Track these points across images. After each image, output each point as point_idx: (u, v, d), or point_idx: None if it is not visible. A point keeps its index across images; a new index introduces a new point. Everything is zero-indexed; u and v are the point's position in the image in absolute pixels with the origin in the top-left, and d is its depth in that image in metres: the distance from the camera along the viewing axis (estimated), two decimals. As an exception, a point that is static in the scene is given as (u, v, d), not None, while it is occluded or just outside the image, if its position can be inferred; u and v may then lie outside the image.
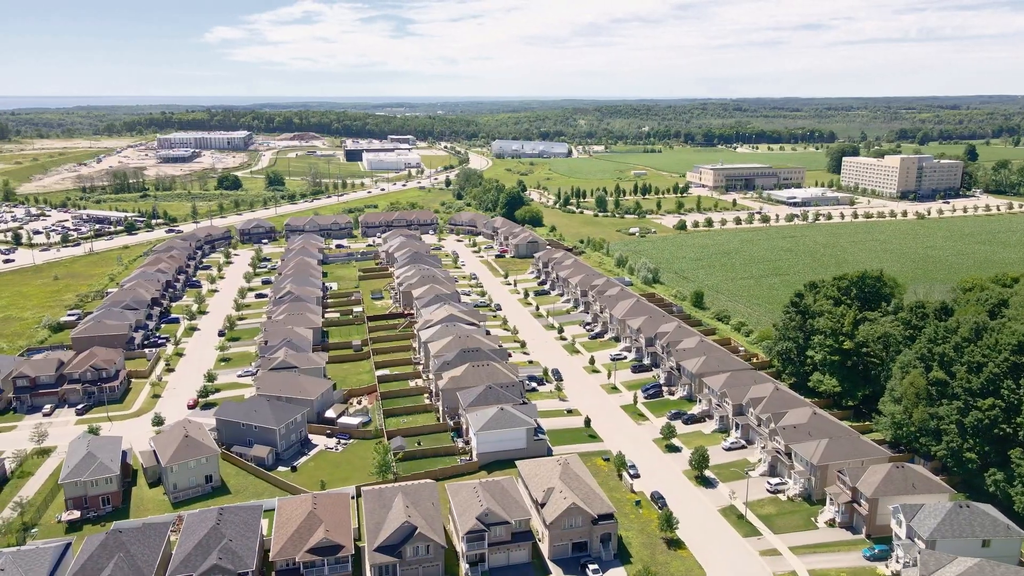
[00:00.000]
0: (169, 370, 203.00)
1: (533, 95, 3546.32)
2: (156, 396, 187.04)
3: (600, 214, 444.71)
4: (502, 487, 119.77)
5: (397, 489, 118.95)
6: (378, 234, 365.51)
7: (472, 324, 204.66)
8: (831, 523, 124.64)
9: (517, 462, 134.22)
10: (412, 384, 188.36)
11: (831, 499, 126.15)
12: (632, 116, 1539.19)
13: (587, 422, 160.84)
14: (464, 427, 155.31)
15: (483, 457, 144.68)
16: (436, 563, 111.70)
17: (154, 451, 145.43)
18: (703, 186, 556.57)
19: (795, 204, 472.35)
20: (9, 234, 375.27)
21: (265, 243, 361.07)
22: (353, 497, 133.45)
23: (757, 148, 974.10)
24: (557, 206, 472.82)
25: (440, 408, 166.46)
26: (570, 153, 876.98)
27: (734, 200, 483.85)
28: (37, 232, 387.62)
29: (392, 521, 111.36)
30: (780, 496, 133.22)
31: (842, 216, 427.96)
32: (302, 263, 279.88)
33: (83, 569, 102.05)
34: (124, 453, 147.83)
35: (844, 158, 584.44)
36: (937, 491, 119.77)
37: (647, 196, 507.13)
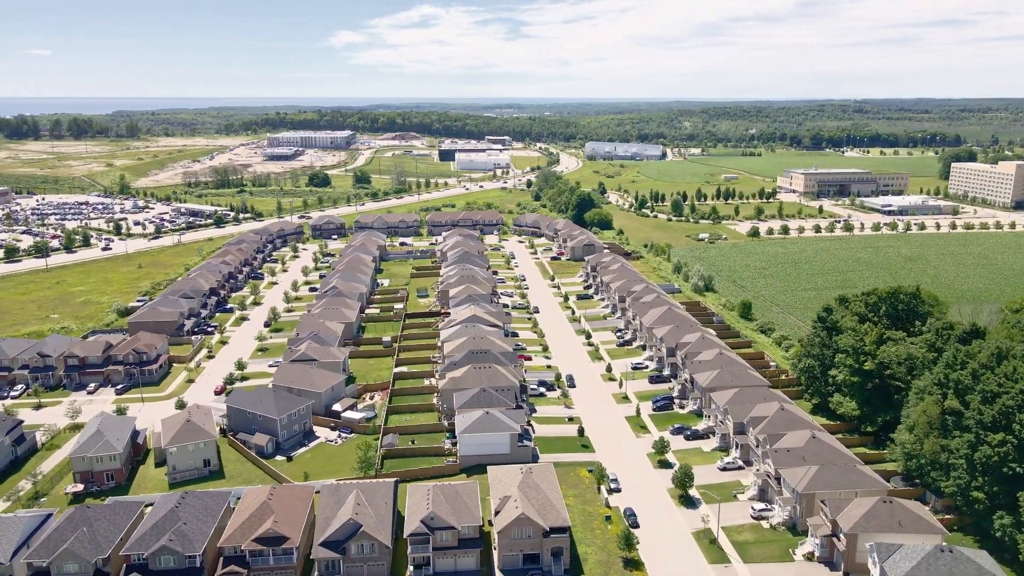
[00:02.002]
0: (209, 357, 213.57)
1: (643, 96, 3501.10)
2: (190, 381, 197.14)
3: (674, 218, 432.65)
4: (456, 491, 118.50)
5: (353, 486, 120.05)
6: (443, 233, 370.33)
7: (494, 326, 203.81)
8: (809, 556, 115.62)
9: (489, 468, 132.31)
10: (426, 383, 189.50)
11: (812, 531, 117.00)
12: (741, 118, 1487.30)
13: (580, 431, 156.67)
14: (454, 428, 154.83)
15: (465, 460, 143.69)
16: (381, 563, 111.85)
17: (160, 433, 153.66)
18: (793, 191, 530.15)
19: (890, 212, 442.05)
20: (111, 224, 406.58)
21: (334, 239, 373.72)
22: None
23: (868, 152, 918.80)
24: (632, 209, 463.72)
25: (440, 408, 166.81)
26: (664, 155, 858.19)
27: (820, 207, 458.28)
28: (137, 223, 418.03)
29: (340, 517, 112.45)
30: (763, 523, 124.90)
31: (937, 227, 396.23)
32: (355, 259, 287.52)
33: (48, 539, 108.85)
34: (137, 433, 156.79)
35: (953, 164, 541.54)
36: (927, 531, 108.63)
37: (729, 201, 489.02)
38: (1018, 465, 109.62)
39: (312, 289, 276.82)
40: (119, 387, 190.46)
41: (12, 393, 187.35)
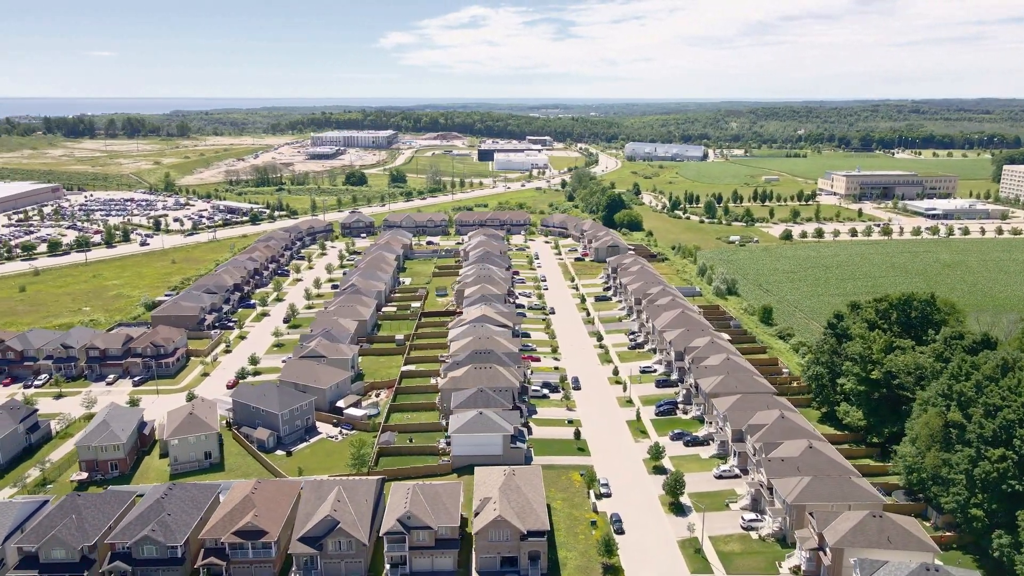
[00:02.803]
0: (227, 351, 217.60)
1: (690, 97, 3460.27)
2: (205, 375, 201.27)
3: (707, 220, 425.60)
4: (436, 491, 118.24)
5: (336, 483, 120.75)
6: (469, 232, 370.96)
7: (504, 326, 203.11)
8: (795, 570, 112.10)
9: (477, 468, 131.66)
10: (432, 381, 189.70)
11: (800, 544, 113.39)
12: (790, 119, 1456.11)
13: (577, 434, 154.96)
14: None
15: (457, 460, 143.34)
16: (358, 560, 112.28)
17: (165, 425, 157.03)
18: (833, 194, 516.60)
19: (933, 216, 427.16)
20: (151, 220, 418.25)
21: (363, 237, 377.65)
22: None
23: (920, 154, 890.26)
24: (665, 211, 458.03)
25: (440, 407, 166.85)
26: (705, 156, 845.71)
27: (860, 210, 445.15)
28: (177, 220, 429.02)
29: (319, 514, 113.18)
30: (753, 534, 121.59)
31: (982, 231, 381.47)
32: (378, 257, 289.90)
33: (39, 526, 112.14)
34: (144, 424, 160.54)
35: (1005, 166, 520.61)
36: (918, 548, 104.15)
37: (766, 203, 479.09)
38: (1017, 482, 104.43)
39: (334, 286, 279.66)
40: (136, 379, 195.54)
41: (36, 382, 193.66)
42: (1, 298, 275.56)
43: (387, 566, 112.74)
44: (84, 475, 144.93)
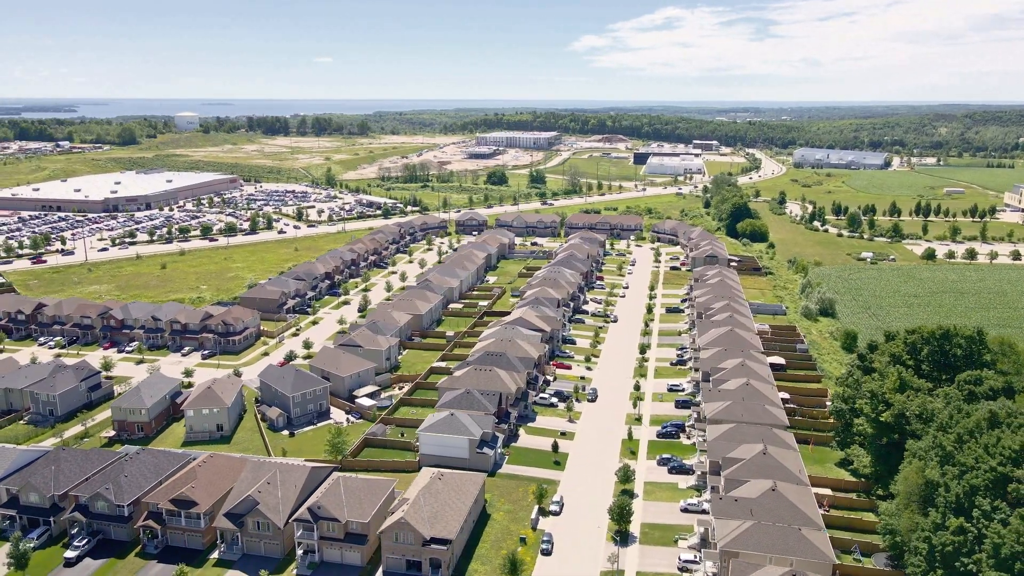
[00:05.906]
0: (294, 334, 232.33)
1: (901, 99, 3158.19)
2: (265, 354, 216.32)
3: (847, 234, 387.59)
4: (360, 486, 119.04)
5: (274, 466, 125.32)
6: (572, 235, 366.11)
7: (539, 330, 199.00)
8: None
9: (423, 468, 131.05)
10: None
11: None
12: (1015, 124, 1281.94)
13: (554, 447, 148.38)
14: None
15: (425, 459, 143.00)
16: (275, 542, 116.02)
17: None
18: (1020, 210, 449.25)
19: None
20: (296, 211, 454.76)
21: (474, 235, 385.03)
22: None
23: None
24: (803, 222, 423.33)
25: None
26: (887, 164, 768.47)
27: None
28: (319, 211, 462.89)
29: (245, 493, 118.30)
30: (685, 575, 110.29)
31: None
32: (465, 255, 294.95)
33: (24, 472, 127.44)
34: (179, 393, 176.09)
35: None
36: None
37: (930, 218, 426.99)
38: (969, 560, 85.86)
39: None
40: (205, 352, 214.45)
41: (127, 348, 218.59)
42: (144, 272, 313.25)
43: (299, 551, 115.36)
44: (112, 433, 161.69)
